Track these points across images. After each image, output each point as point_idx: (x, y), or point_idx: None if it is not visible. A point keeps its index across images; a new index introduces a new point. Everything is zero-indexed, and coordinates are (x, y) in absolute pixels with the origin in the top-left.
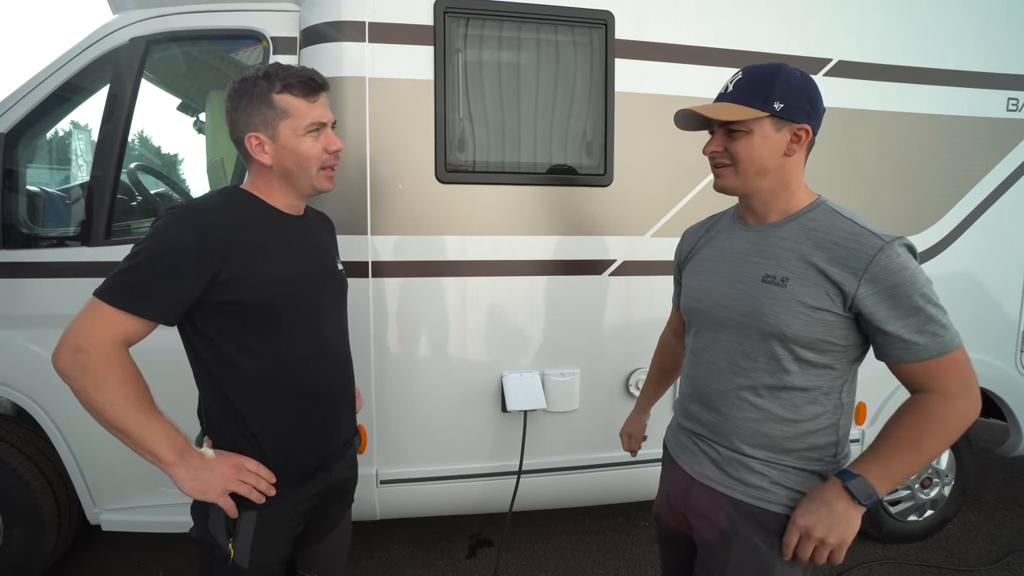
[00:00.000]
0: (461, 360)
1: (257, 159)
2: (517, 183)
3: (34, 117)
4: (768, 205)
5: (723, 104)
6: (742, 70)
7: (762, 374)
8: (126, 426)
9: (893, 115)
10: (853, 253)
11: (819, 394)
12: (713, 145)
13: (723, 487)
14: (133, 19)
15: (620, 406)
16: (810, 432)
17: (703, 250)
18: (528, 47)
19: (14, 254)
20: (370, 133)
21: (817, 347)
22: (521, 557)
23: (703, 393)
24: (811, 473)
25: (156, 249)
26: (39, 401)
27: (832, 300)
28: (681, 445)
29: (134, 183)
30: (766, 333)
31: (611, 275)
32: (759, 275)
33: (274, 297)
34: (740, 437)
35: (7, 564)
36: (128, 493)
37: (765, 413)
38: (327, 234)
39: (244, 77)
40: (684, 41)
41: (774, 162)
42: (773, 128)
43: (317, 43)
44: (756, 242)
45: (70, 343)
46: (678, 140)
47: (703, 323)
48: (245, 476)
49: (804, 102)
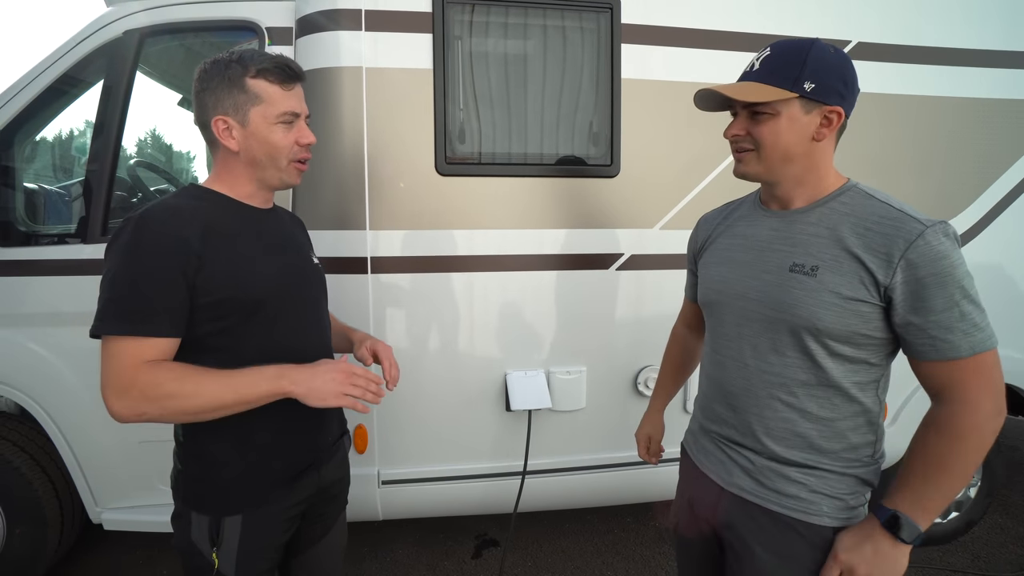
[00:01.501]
0: (463, 358)
1: (223, 143)
2: (520, 175)
3: (29, 113)
4: (793, 192)
5: (748, 84)
6: (770, 46)
7: (795, 370)
8: (222, 400)
9: (916, 99)
10: (889, 238)
11: (857, 390)
12: (735, 128)
13: (758, 498)
14: (127, 11)
15: (628, 405)
16: (848, 431)
17: (721, 239)
18: (530, 34)
19: (12, 252)
20: (368, 125)
21: (853, 340)
22: (528, 557)
23: (728, 393)
24: (851, 477)
25: (129, 266)
26: (39, 400)
27: (867, 289)
28: (705, 451)
29: (133, 179)
30: (796, 326)
31: (619, 269)
32: (786, 264)
33: (253, 292)
34: (773, 439)
35: (11, 563)
36: (129, 492)
37: (800, 412)
38: (298, 230)
39: (216, 59)
40: (694, 24)
41: (801, 147)
42: (802, 110)
43: (312, 32)
44: (781, 229)
45: (112, 391)
46: (688, 128)
47: (725, 316)
48: (356, 380)
49: (838, 82)
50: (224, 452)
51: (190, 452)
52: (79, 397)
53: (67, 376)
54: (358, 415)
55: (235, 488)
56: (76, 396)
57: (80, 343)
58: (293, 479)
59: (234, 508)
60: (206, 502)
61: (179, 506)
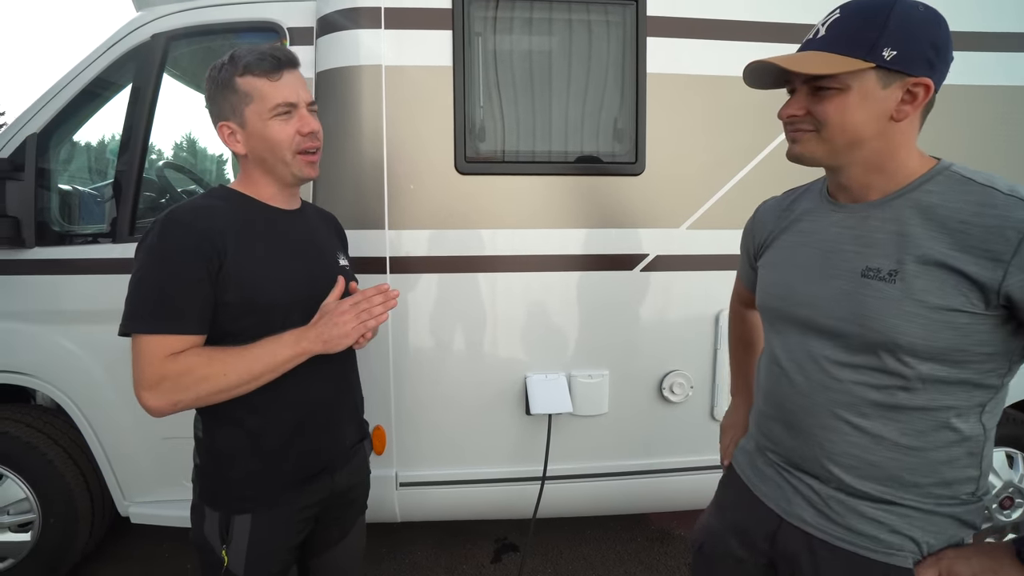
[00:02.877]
0: (483, 360)
1: (232, 149)
2: (541, 173)
3: (64, 117)
4: (865, 181)
5: (811, 54)
6: (840, 7)
7: (866, 389)
8: (252, 372)
9: (967, 89)
10: (994, 232)
11: (951, 415)
12: (792, 107)
13: (823, 534)
14: (154, 15)
15: (653, 411)
16: (940, 464)
17: (784, 235)
18: (552, 29)
19: (48, 251)
20: (387, 124)
21: (948, 358)
22: (548, 563)
23: (787, 411)
24: (943, 517)
25: (155, 266)
26: (70, 395)
27: (966, 297)
28: (762, 475)
29: (160, 179)
30: (872, 342)
31: (643, 270)
32: (858, 268)
33: (267, 295)
34: (840, 466)
35: (44, 552)
36: (154, 487)
37: (873, 438)
38: (328, 230)
39: (214, 64)
40: (722, 15)
41: (876, 128)
42: (879, 83)
43: (332, 32)
44: (853, 226)
45: (144, 387)
46: (716, 123)
47: (786, 327)
48: (362, 306)
49: (927, 48)
50: (236, 451)
51: (206, 448)
52: (107, 392)
53: (96, 372)
54: (378, 415)
55: (245, 487)
56: (104, 391)
57: (109, 340)
58: (304, 482)
59: (244, 507)
60: (218, 498)
61: (195, 500)
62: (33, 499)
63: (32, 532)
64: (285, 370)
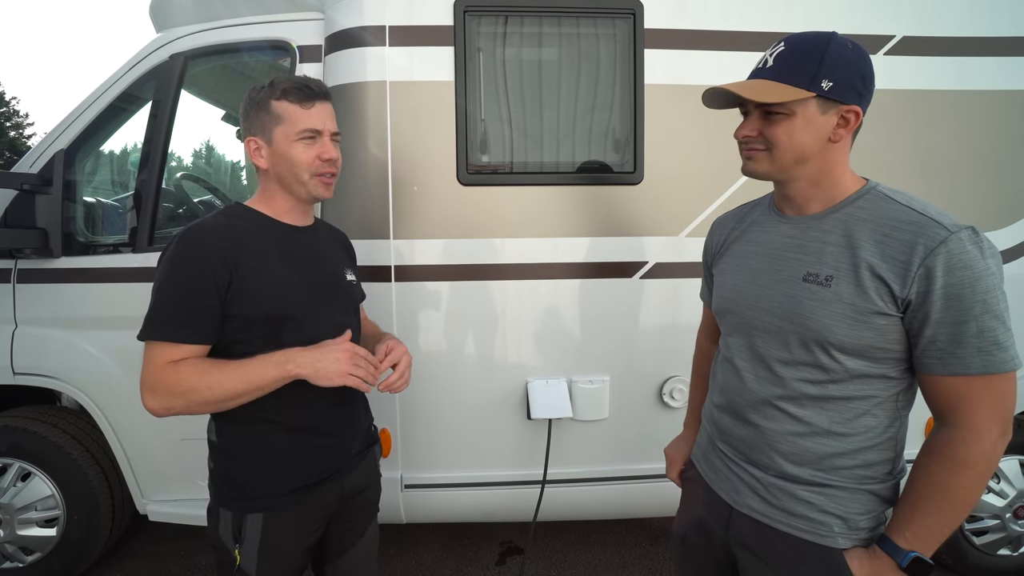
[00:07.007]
0: (485, 366)
1: (255, 162)
2: (541, 183)
3: (89, 133)
4: (807, 194)
5: (761, 82)
6: (784, 40)
7: (802, 384)
8: (235, 390)
9: (969, 94)
10: (909, 245)
11: (871, 404)
12: (746, 129)
13: (766, 519)
14: (173, 36)
15: (653, 416)
16: (864, 448)
17: (736, 244)
18: (551, 42)
19: (73, 260)
20: (391, 137)
21: (868, 354)
22: (552, 567)
23: (736, 404)
24: (864, 493)
25: (169, 279)
26: (93, 397)
27: (884, 302)
28: (714, 468)
29: (178, 191)
30: (807, 339)
31: (642, 278)
32: (799, 273)
33: (277, 307)
34: (781, 453)
35: (67, 547)
36: (172, 486)
37: (808, 425)
38: (337, 246)
39: (255, 86)
40: (718, 27)
41: (817, 148)
42: (819, 110)
43: (340, 49)
44: (796, 236)
45: (145, 389)
46: (713, 133)
47: (737, 326)
48: (359, 362)
49: (857, 80)
50: (247, 454)
51: (219, 450)
52: (127, 395)
53: (117, 375)
54: (384, 419)
55: (256, 489)
56: (124, 394)
57: (128, 345)
58: (313, 486)
59: (254, 507)
60: (230, 499)
61: (211, 501)
62: (58, 496)
63: (57, 528)
64: (271, 390)
